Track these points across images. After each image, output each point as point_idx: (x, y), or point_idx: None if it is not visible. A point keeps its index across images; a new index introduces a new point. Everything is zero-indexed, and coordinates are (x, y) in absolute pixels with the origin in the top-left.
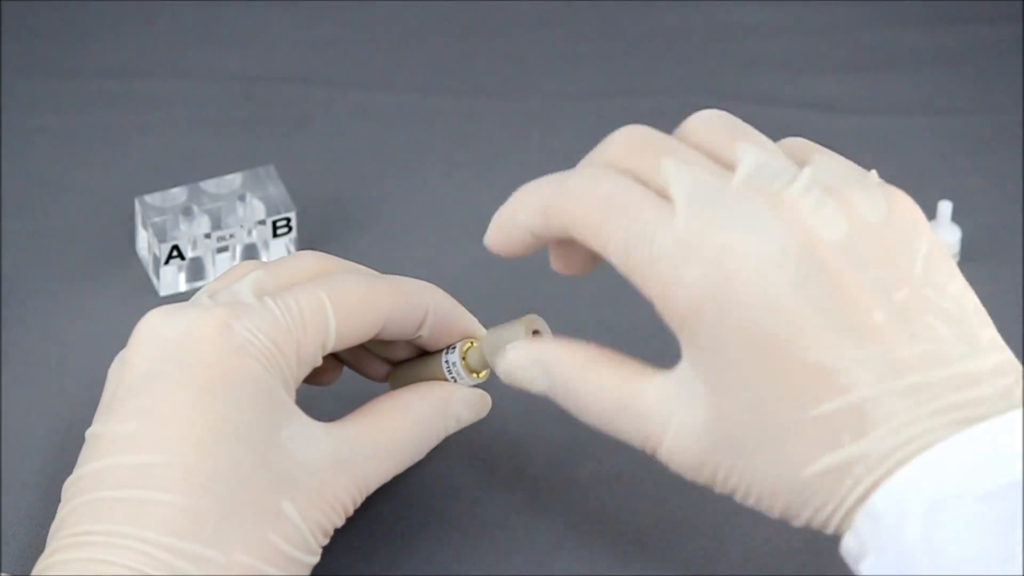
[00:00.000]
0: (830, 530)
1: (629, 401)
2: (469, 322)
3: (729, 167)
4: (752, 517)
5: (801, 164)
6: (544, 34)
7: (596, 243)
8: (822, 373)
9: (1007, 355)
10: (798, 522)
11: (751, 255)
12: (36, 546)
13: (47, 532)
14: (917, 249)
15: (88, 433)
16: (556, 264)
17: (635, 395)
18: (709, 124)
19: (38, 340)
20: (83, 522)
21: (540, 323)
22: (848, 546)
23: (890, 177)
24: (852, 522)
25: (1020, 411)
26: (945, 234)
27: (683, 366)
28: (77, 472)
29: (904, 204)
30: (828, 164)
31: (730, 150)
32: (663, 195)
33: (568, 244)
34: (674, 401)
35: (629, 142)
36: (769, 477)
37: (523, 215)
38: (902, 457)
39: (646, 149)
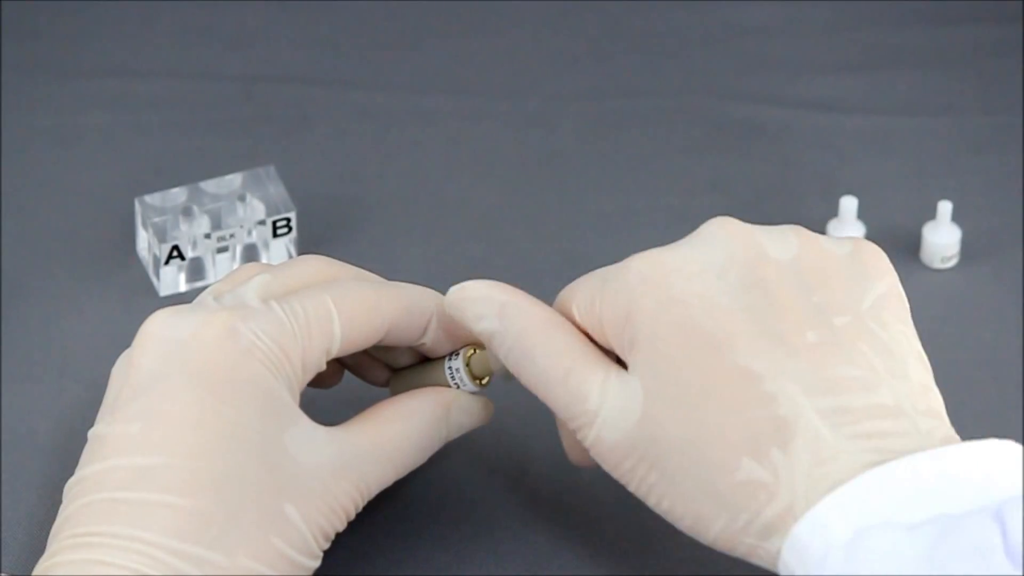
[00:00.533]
0: (738, 552)
1: (575, 373)
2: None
3: None
4: None
5: None
6: (544, 34)
7: (570, 308)
8: (750, 378)
9: (937, 404)
10: (707, 536)
11: (693, 259)
12: (36, 547)
13: (47, 532)
14: (871, 288)
15: (91, 433)
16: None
17: (582, 370)
18: None
19: (38, 340)
20: (86, 523)
21: None
22: None
23: (890, 177)
24: (781, 557)
25: (945, 447)
26: (945, 234)
27: (628, 371)
28: (80, 473)
29: (870, 251)
30: None
31: None
32: None
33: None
34: (613, 392)
35: None
36: (688, 480)
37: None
38: (817, 478)
39: None
